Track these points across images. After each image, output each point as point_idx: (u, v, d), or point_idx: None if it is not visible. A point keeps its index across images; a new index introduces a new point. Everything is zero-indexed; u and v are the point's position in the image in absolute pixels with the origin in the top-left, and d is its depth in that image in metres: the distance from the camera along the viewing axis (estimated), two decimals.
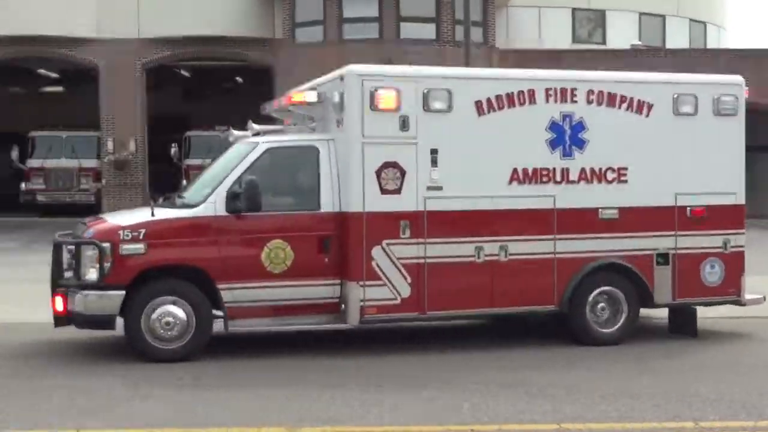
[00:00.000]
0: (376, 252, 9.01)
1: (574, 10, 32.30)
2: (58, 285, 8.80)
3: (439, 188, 9.22)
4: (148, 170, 29.36)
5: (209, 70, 32.39)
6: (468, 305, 9.44)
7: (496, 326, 10.92)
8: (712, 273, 10.17)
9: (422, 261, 9.15)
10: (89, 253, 8.61)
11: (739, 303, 10.40)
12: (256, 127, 10.05)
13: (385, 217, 9.04)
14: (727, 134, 10.22)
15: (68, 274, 8.83)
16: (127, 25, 28.34)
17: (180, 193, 10.01)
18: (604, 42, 32.57)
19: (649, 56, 29.68)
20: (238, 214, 8.83)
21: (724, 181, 10.22)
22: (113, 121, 28.60)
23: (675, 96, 10.01)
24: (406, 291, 9.11)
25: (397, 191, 9.07)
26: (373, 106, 8.96)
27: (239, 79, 34.61)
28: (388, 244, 9.04)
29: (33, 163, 28.39)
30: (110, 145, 28.73)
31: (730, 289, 10.26)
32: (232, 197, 8.80)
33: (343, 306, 9.09)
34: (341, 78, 9.10)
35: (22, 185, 28.18)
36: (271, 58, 28.37)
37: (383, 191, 9.02)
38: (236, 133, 10.33)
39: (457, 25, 26.29)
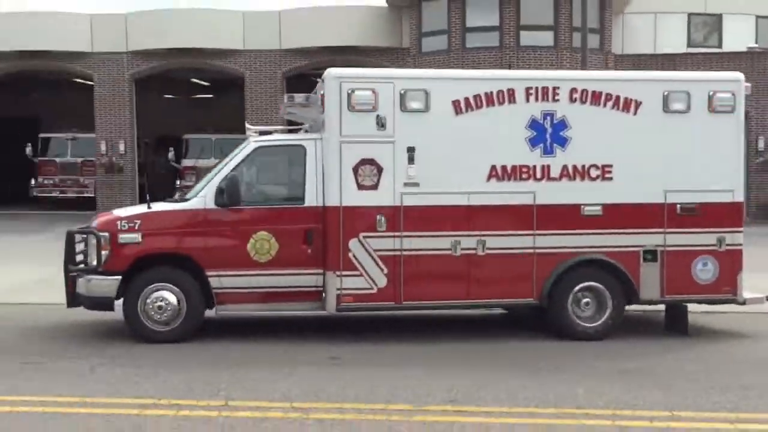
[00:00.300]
0: (353, 244, 9.58)
1: (689, 15, 31.87)
2: (69, 270, 9.84)
3: (416, 184, 9.68)
4: None
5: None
6: (444, 296, 9.83)
7: None
8: (704, 270, 10.11)
9: (398, 253, 9.64)
10: (92, 241, 9.61)
11: (735, 302, 10.26)
12: (252, 128, 10.81)
13: (362, 211, 9.60)
14: (724, 131, 10.13)
15: (77, 260, 9.86)
16: (270, 38, 30.69)
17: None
18: (719, 45, 31.70)
19: (765, 58, 28.92)
20: (225, 207, 9.61)
21: (720, 178, 10.14)
22: (257, 124, 30.44)
23: (665, 93, 10.03)
24: (382, 281, 9.63)
25: (374, 187, 9.61)
26: (351, 107, 9.54)
27: None
28: (365, 237, 9.60)
29: (187, 162, 30.71)
30: None
31: (725, 288, 10.17)
32: (219, 192, 9.61)
33: (324, 294, 9.70)
34: (322, 80, 9.72)
35: (177, 182, 30.45)
36: (399, 66, 29.42)
37: (360, 187, 9.59)
38: (248, 132, 11.08)
39: (574, 32, 26.87)
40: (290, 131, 11.31)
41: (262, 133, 10.83)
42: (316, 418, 6.69)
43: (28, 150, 29.84)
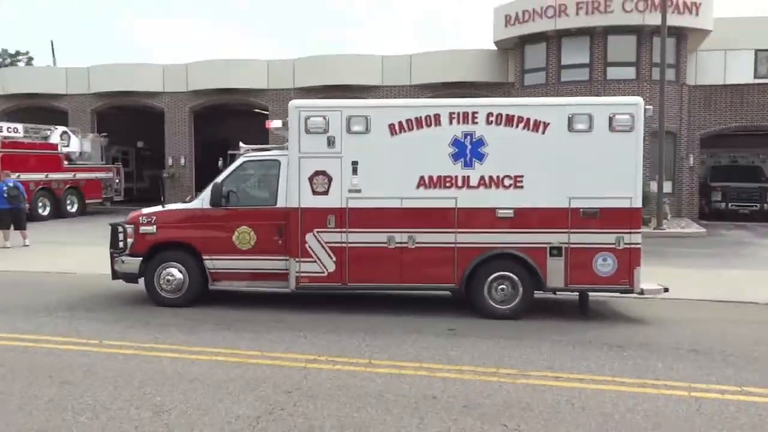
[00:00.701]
0: (309, 237, 12.26)
1: (756, 51, 34.40)
2: (111, 253, 13.18)
3: (359, 191, 12.21)
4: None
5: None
6: (381, 280, 12.28)
7: None
8: (604, 265, 11.97)
9: (344, 245, 12.23)
10: (123, 231, 12.89)
11: (631, 292, 12.06)
12: (244, 146, 13.68)
13: (315, 211, 12.26)
14: (623, 147, 11.91)
15: (117, 246, 13.18)
16: (402, 76, 36.66)
17: None
18: None
19: None
20: (217, 207, 12.59)
21: (619, 187, 11.93)
22: None
23: (570, 116, 11.97)
24: (331, 267, 12.26)
25: (326, 193, 12.24)
26: (307, 130, 12.22)
27: None
28: (318, 232, 12.26)
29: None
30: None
31: (623, 280, 11.95)
32: (211, 195, 12.59)
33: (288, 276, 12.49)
34: (289, 110, 12.47)
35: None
36: (505, 96, 34.19)
37: (314, 192, 12.25)
38: (242, 149, 13.93)
39: (653, 67, 30.59)
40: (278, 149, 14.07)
41: (256, 149, 13.64)
42: (440, 377, 8.61)
43: (220, 163, 34.46)
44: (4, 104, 39.40)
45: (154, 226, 12.87)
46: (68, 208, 33.13)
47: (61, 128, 33.92)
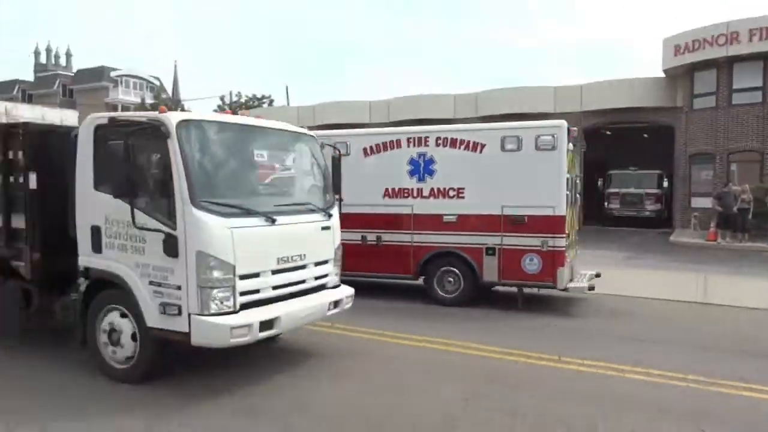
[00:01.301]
0: None
1: None
2: None
3: (341, 200, 15.37)
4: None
5: (624, 129, 40.58)
6: (359, 270, 15.31)
7: None
8: (531, 264, 14.14)
9: None
10: None
11: (554, 287, 14.12)
12: None
13: None
14: (547, 164, 14.05)
15: None
16: (573, 103, 39.16)
17: None
18: None
19: None
20: None
21: (544, 197, 14.05)
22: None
23: (502, 138, 14.35)
24: None
25: None
26: None
27: (645, 135, 42.17)
28: None
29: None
30: None
31: (547, 277, 14.08)
32: None
33: None
34: None
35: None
36: (672, 121, 36.71)
37: None
38: None
39: None
40: None
41: None
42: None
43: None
44: None
45: None
46: None
47: None
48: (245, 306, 8.74)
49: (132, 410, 8.18)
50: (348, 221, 15.05)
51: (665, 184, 38.56)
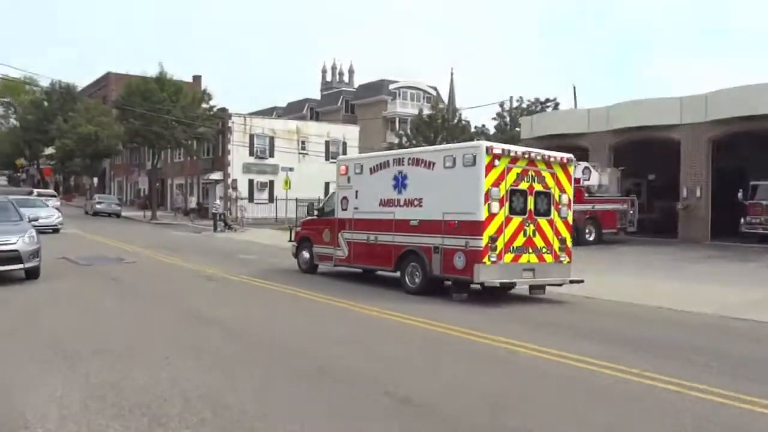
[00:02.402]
0: (339, 235, 20.27)
1: None
2: None
3: (357, 208, 19.74)
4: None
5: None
6: (365, 263, 19.51)
7: None
8: (458, 260, 17.04)
9: (351, 240, 19.90)
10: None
11: (473, 282, 16.79)
12: None
13: (342, 220, 20.19)
14: (470, 178, 16.83)
15: None
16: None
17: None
18: None
19: None
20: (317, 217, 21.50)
21: (467, 205, 16.82)
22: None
23: (444, 157, 17.49)
24: (347, 252, 20.05)
25: (347, 209, 20.08)
26: (339, 173, 20.31)
27: None
28: (342, 231, 20.21)
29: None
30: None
31: (467, 272, 16.85)
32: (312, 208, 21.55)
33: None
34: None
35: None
36: None
37: (342, 209, 20.20)
38: None
39: None
40: None
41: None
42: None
43: (740, 194, 36.67)
44: (540, 143, 46.95)
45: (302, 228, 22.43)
46: (586, 236, 35.24)
47: (583, 164, 36.23)
48: None
49: None
50: (360, 225, 19.45)
51: None
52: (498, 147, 16.85)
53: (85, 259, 24.11)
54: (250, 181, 63.57)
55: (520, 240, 17.19)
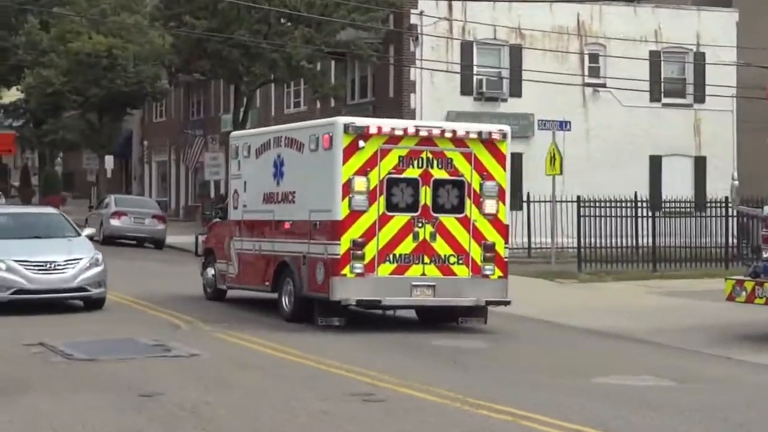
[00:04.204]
0: (231, 243, 16.05)
1: None
2: None
3: (246, 206, 15.51)
4: None
5: None
6: (252, 282, 15.40)
7: None
8: (319, 274, 12.99)
9: (241, 251, 15.52)
10: None
11: (328, 300, 12.95)
12: None
13: (234, 223, 16.03)
14: (326, 164, 13.01)
15: None
16: None
17: None
18: None
19: None
20: None
21: (325, 200, 12.99)
22: None
23: (309, 137, 13.60)
24: (237, 268, 15.87)
25: (237, 208, 15.92)
26: (230, 157, 16.29)
27: None
28: (233, 239, 16.08)
29: None
30: None
31: (323, 288, 12.92)
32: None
33: None
34: None
35: None
36: None
37: (233, 207, 16.02)
38: None
39: None
40: None
41: None
42: None
43: None
44: None
45: None
46: None
47: None
48: None
49: None
50: (246, 228, 15.46)
51: None
52: (362, 123, 13.01)
53: (82, 347, 11.16)
54: None
55: (406, 246, 13.05)
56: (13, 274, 14.04)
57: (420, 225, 12.98)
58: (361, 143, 12.64)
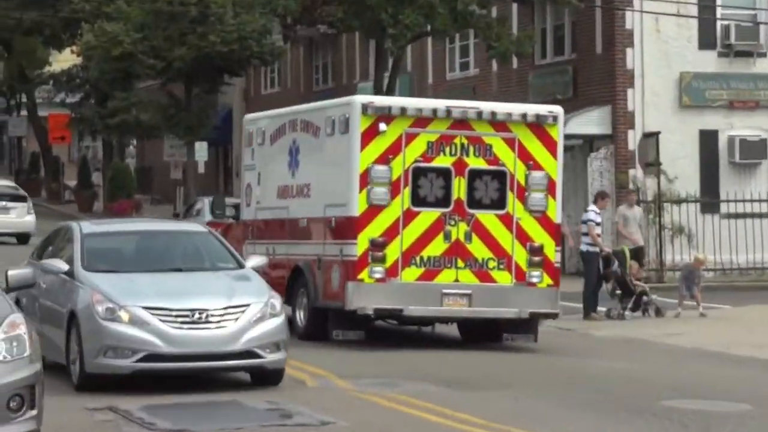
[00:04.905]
0: (244, 248, 14.21)
1: None
2: None
3: (260, 203, 13.72)
4: None
5: None
6: None
7: None
8: (335, 279, 11.51)
9: None
10: None
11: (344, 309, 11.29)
12: None
13: (245, 224, 14.13)
14: (342, 151, 11.51)
15: None
16: None
17: None
18: None
19: None
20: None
21: (341, 193, 11.44)
22: None
23: (325, 119, 11.93)
24: None
25: (250, 205, 14.05)
26: (243, 144, 14.56)
27: None
28: (246, 243, 14.31)
29: None
30: None
31: (339, 296, 11.37)
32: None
33: None
34: None
35: None
36: None
37: (246, 204, 14.11)
38: None
39: None
40: None
41: None
42: None
43: None
44: None
45: None
46: None
47: None
48: None
49: None
50: (260, 230, 13.89)
51: None
52: (384, 102, 11.63)
53: (167, 413, 7.67)
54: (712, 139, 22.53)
55: (436, 247, 11.41)
56: (140, 330, 8.36)
57: (452, 223, 11.35)
58: (382, 126, 11.11)
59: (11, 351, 5.22)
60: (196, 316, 8.40)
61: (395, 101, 11.97)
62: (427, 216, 11.25)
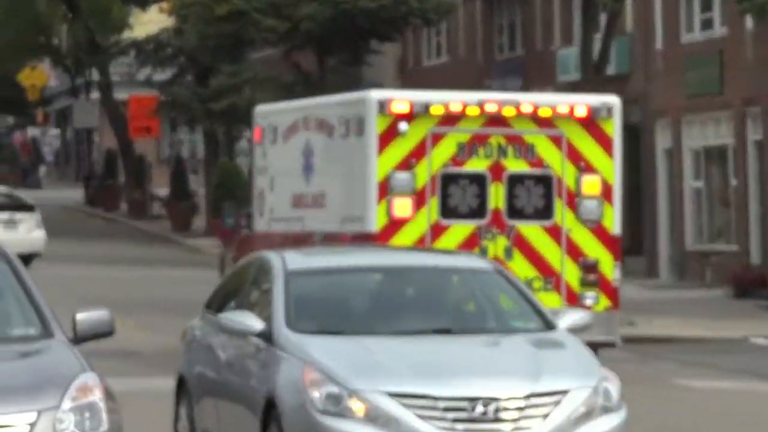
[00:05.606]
0: None
1: None
2: None
3: (273, 212, 12.67)
4: None
5: None
6: None
7: None
8: None
9: None
10: None
11: None
12: None
13: (257, 237, 13.10)
14: (356, 156, 10.50)
15: None
16: None
17: None
18: None
19: None
20: None
21: (356, 205, 10.36)
22: None
23: (338, 117, 10.93)
24: None
25: (263, 215, 13.04)
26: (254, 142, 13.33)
27: None
28: None
29: None
30: None
31: None
32: None
33: None
34: None
35: None
36: None
37: (259, 214, 13.21)
38: None
39: None
40: None
41: None
42: None
43: None
44: None
45: None
46: None
47: None
48: None
49: None
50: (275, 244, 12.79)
51: None
52: (402, 97, 10.50)
53: None
54: None
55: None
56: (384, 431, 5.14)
57: (490, 237, 10.43)
58: (403, 126, 10.26)
59: (82, 425, 3.53)
60: (479, 409, 5.16)
61: (417, 96, 10.65)
62: (459, 229, 10.28)
